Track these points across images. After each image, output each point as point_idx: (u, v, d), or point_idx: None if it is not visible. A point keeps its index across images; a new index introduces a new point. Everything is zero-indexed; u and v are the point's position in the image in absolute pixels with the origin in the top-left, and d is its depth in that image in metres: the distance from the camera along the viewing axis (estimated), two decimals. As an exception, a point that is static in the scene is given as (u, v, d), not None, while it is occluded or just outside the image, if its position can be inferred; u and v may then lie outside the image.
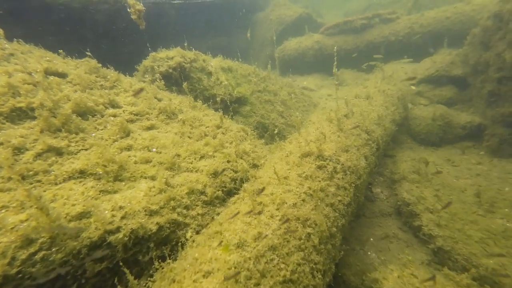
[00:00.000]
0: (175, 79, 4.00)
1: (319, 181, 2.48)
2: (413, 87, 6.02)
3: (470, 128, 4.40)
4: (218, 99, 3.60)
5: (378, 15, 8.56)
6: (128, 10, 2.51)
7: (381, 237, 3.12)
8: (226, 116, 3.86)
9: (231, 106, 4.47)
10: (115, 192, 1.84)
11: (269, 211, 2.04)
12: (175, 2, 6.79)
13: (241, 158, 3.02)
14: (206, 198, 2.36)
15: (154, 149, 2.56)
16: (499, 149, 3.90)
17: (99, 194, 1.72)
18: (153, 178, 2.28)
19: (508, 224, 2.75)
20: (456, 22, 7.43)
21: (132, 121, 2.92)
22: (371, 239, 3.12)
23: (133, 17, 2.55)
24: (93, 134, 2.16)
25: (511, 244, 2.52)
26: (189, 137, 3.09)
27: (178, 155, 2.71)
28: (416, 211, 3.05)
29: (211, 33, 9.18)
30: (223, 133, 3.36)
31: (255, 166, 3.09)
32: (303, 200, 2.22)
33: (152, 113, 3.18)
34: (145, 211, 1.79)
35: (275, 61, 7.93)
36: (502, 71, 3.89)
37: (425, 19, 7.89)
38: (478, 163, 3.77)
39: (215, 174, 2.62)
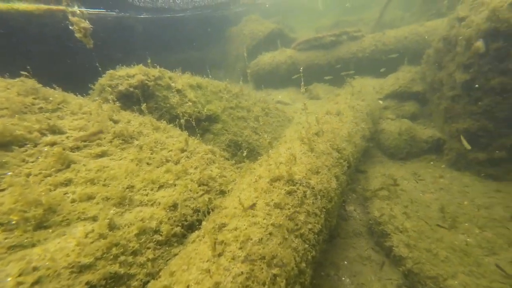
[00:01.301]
0: (136, 98, 3.69)
1: (288, 209, 2.33)
2: (380, 102, 6.33)
3: (432, 142, 4.66)
4: (182, 120, 3.36)
5: (345, 33, 9.08)
6: (71, 28, 2.24)
7: (354, 259, 3.04)
8: (193, 137, 3.62)
9: (201, 125, 4.25)
10: (34, 245, 1.49)
11: (230, 251, 1.82)
12: (141, 16, 6.53)
13: (206, 184, 2.78)
14: (160, 238, 2.07)
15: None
16: (457, 163, 4.15)
17: (6, 253, 1.37)
18: (94, 218, 1.94)
19: (468, 240, 2.82)
20: (413, 42, 8.13)
21: (78, 148, 2.56)
22: (345, 262, 3.01)
23: (77, 35, 2.28)
24: (8, 173, 1.78)
25: (473, 261, 2.56)
26: (147, 163, 2.79)
27: (132, 187, 2.39)
28: (387, 231, 3.03)
29: (183, 47, 9.01)
30: (187, 157, 3.10)
31: (222, 192, 2.86)
32: (270, 234, 2.03)
33: (105, 138, 2.84)
34: (73, 267, 1.47)
35: (247, 76, 7.93)
36: (454, 90, 4.21)
37: (387, 38, 8.54)
38: (440, 177, 3.94)
39: (174, 207, 2.35)
